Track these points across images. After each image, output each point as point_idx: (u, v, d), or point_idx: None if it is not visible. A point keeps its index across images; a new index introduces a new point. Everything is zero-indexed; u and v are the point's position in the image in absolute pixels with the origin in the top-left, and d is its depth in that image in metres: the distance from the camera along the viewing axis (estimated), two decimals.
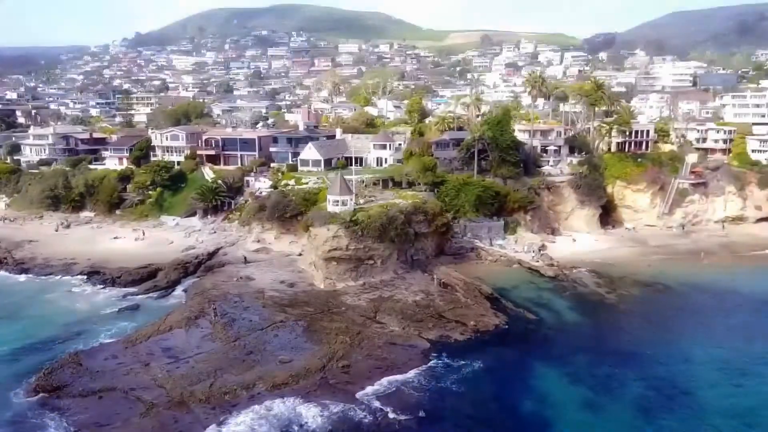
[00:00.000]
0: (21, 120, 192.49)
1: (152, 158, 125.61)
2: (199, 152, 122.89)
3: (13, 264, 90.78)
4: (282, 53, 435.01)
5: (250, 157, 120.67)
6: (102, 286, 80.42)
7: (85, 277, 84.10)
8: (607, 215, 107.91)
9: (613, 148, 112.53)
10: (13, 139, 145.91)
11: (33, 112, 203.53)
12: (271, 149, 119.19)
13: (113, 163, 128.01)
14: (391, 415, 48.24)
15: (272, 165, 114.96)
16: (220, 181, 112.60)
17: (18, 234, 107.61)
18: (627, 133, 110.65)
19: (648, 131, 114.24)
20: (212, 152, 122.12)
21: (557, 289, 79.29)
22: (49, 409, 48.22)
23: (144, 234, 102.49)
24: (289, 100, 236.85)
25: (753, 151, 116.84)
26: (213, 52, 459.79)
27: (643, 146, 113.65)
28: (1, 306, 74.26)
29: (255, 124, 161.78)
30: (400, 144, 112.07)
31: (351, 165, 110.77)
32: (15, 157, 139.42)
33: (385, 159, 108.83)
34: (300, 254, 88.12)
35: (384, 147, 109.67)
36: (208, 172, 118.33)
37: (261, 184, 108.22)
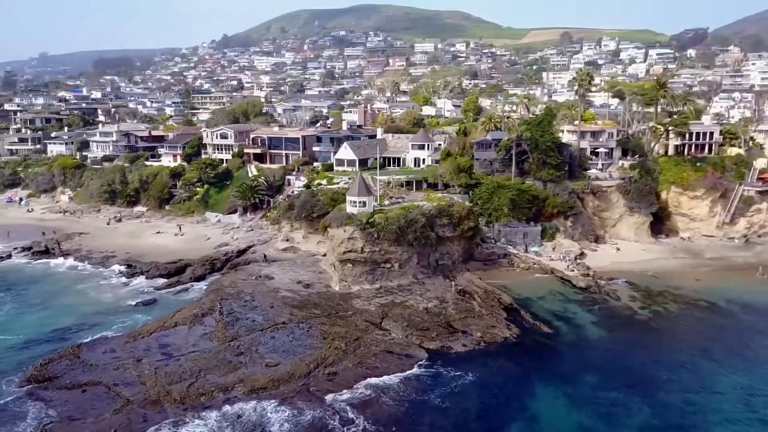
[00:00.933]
0: (101, 118, 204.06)
1: (203, 156, 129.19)
2: (246, 150, 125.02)
3: (59, 254, 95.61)
4: (358, 53, 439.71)
5: (295, 156, 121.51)
6: (130, 279, 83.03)
7: (118, 269, 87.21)
8: (661, 223, 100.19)
9: (671, 151, 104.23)
10: (84, 136, 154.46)
11: (112, 110, 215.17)
12: (314, 148, 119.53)
13: (168, 160, 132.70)
14: (362, 426, 46.18)
15: (315, 164, 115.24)
16: (261, 179, 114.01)
17: (73, 226, 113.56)
18: (687, 135, 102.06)
19: (712, 133, 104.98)
20: (258, 150, 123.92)
21: (585, 302, 74.06)
22: (34, 399, 49.51)
23: (181, 229, 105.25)
24: (353, 99, 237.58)
25: None
26: (292, 53, 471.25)
27: (706, 149, 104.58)
28: (36, 294, 78.15)
29: (314, 123, 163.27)
30: (439, 144, 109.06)
31: (389, 165, 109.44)
32: (83, 153, 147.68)
33: (423, 159, 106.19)
34: (324, 255, 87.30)
35: (422, 147, 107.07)
36: (252, 170, 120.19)
37: (299, 183, 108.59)
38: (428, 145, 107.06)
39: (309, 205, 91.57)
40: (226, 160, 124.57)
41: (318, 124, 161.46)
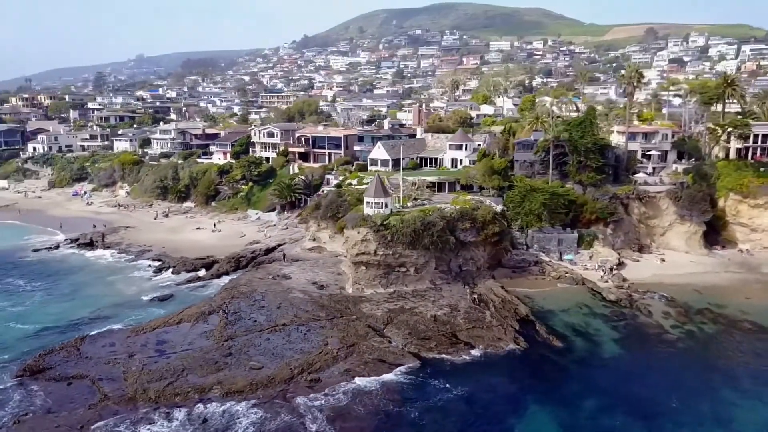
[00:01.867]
0: (173, 116, 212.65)
1: (251, 154, 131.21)
2: (291, 149, 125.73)
3: (101, 246, 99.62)
4: (432, 52, 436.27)
5: (337, 155, 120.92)
6: (157, 274, 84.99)
7: (148, 264, 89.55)
8: (716, 234, 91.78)
9: (732, 155, 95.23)
10: (147, 133, 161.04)
11: (183, 109, 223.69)
12: (356, 148, 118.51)
13: (218, 157, 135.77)
14: None
15: (353, 164, 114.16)
16: (301, 178, 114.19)
17: (124, 220, 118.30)
18: (751, 138, 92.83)
19: None
20: (301, 149, 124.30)
21: (611, 316, 68.59)
22: (21, 390, 50.88)
23: (216, 225, 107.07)
24: (415, 98, 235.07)
25: None
26: (367, 52, 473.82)
27: None
28: (68, 284, 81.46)
29: (370, 122, 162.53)
30: (479, 144, 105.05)
31: (426, 165, 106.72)
32: (144, 150, 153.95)
33: (460, 160, 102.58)
34: (347, 255, 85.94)
35: (459, 147, 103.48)
36: (294, 169, 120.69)
37: (335, 183, 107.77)
38: (466, 145, 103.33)
39: (335, 204, 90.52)
40: (271, 158, 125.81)
41: (374, 123, 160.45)
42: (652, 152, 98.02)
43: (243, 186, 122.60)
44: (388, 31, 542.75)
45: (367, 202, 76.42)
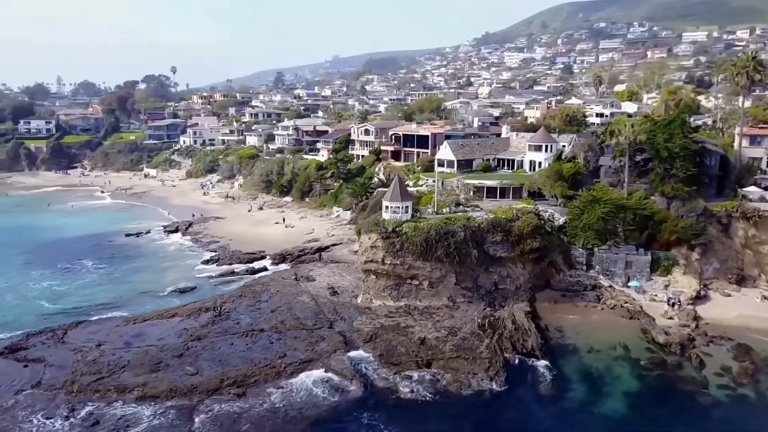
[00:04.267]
0: (319, 113, 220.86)
1: (350, 151, 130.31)
2: (383, 147, 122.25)
3: (182, 234, 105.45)
4: (614, 45, 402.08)
5: (425, 153, 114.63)
6: (204, 266, 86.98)
7: (207, 255, 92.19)
8: None
9: None
10: (273, 130, 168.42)
11: (330, 107, 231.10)
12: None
13: (323, 154, 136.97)
14: None
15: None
16: (380, 177, 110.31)
17: (221, 211, 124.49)
18: None
19: None
20: (391, 148, 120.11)
21: (647, 364, 54.77)
22: None
23: (284, 221, 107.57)
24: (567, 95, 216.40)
25: None
26: (543, 48, 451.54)
27: None
28: (127, 267, 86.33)
29: (498, 118, 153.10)
30: (564, 146, 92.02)
31: (502, 168, 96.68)
32: (267, 145, 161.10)
33: (539, 163, 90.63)
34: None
35: (539, 149, 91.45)
36: (380, 168, 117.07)
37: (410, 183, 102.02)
38: (548, 146, 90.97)
39: (378, 207, 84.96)
40: (363, 156, 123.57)
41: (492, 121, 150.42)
42: None
43: (334, 183, 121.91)
44: (572, 24, 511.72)
45: (386, 207, 70.16)
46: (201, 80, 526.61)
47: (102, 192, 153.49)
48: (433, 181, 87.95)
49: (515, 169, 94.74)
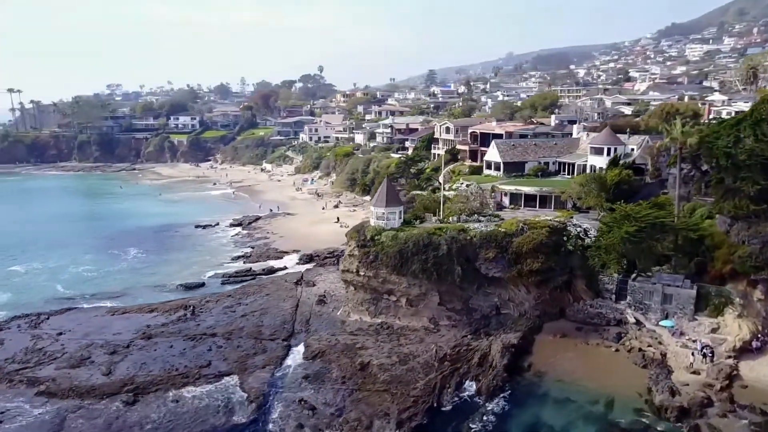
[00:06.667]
0: (443, 112, 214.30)
1: (433, 150, 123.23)
2: (459, 147, 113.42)
3: (243, 227, 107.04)
4: None
5: None
6: (233, 262, 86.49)
7: (243, 251, 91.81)
8: None
9: None
10: (375, 129, 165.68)
11: (458, 104, 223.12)
12: None
13: (410, 152, 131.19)
14: None
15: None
16: (439, 179, 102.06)
17: (298, 207, 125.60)
18: None
19: None
20: (465, 147, 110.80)
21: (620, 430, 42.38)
22: None
23: (339, 220, 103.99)
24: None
25: None
26: (734, 38, 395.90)
27: None
28: (164, 258, 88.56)
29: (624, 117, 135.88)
30: (632, 149, 76.89)
31: (563, 172, 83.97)
32: (370, 143, 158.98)
33: (600, 167, 76.63)
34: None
35: (601, 152, 77.30)
36: (448, 168, 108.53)
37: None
38: (610, 149, 76.56)
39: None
40: (437, 155, 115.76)
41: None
42: None
43: (405, 184, 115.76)
44: None
45: (373, 213, 63.28)
46: (374, 79, 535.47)
47: (213, 184, 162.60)
48: (467, 185, 78.86)
49: (574, 173, 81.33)
